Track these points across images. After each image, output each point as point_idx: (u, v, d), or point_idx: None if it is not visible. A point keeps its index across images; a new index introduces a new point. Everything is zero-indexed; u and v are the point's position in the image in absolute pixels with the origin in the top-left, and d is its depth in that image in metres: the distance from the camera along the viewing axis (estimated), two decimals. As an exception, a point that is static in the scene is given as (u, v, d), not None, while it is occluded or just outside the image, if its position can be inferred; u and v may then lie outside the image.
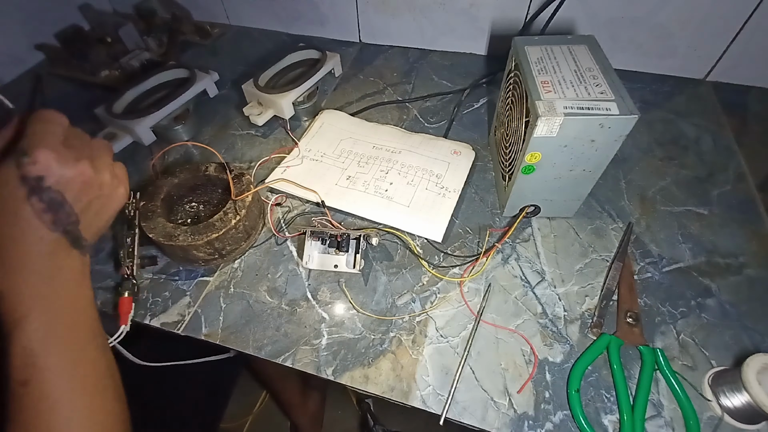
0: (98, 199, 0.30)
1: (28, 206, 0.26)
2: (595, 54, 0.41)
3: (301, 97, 0.60)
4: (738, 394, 0.34)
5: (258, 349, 0.39)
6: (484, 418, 0.35)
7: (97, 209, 0.31)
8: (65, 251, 0.29)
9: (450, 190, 0.50)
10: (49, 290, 0.28)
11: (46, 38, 0.74)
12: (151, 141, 0.59)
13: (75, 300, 0.30)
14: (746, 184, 0.51)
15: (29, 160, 0.26)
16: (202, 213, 0.48)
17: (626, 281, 0.42)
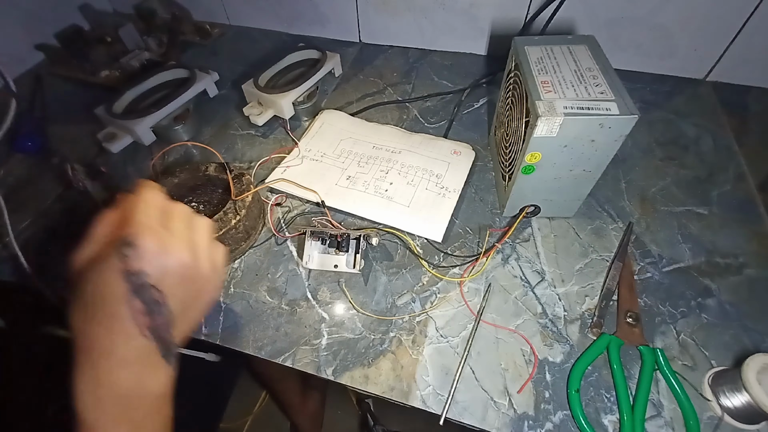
0: (192, 292, 0.27)
1: (127, 307, 0.24)
2: (595, 54, 0.41)
3: (301, 97, 0.60)
4: (738, 394, 0.34)
5: (258, 349, 0.39)
6: (484, 418, 0.35)
7: (189, 303, 0.27)
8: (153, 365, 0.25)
9: (450, 190, 0.50)
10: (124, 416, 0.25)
11: (46, 38, 0.74)
12: (151, 141, 0.59)
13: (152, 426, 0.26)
14: (746, 184, 0.51)
15: (133, 253, 0.24)
16: (202, 213, 0.48)
17: (626, 281, 0.42)
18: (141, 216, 0.26)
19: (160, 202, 0.28)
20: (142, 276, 0.24)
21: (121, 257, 0.24)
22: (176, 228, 0.27)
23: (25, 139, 0.58)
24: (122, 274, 0.24)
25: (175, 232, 0.27)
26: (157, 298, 0.25)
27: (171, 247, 0.26)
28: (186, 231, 0.28)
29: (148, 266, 0.24)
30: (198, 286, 0.27)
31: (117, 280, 0.24)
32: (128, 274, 0.24)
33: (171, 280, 0.25)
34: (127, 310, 0.24)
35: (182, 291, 0.26)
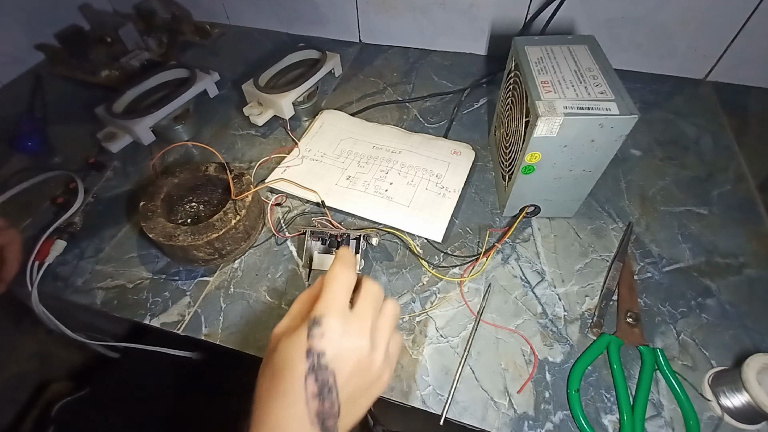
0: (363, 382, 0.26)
1: (303, 387, 0.24)
2: (595, 54, 0.41)
3: (301, 97, 0.60)
4: (738, 394, 0.34)
5: (258, 349, 0.39)
6: (484, 418, 0.35)
7: (358, 395, 0.26)
8: None
9: (450, 190, 0.50)
10: None
11: (46, 38, 0.74)
12: (150, 141, 0.59)
13: None
14: (746, 184, 0.51)
15: (319, 331, 0.25)
16: (202, 213, 0.48)
17: (626, 281, 0.42)
18: (331, 295, 0.26)
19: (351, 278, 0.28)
20: (322, 357, 0.24)
21: (309, 335, 0.25)
22: (364, 311, 0.27)
23: (25, 139, 0.58)
24: (306, 351, 0.24)
25: (362, 316, 0.27)
26: (330, 383, 0.25)
27: (353, 331, 0.26)
28: (371, 315, 0.27)
29: (328, 347, 0.25)
30: (370, 377, 0.27)
31: (300, 357, 0.24)
32: (310, 353, 0.24)
33: (346, 365, 0.25)
34: (302, 390, 0.24)
35: (354, 379, 0.26)
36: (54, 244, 0.46)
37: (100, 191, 0.53)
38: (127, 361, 0.57)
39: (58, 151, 0.59)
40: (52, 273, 0.45)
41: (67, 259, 0.47)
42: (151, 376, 0.54)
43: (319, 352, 0.24)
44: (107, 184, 0.54)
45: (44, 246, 0.45)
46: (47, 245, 0.46)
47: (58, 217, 0.48)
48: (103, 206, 0.52)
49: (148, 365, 0.55)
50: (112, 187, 0.54)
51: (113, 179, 0.55)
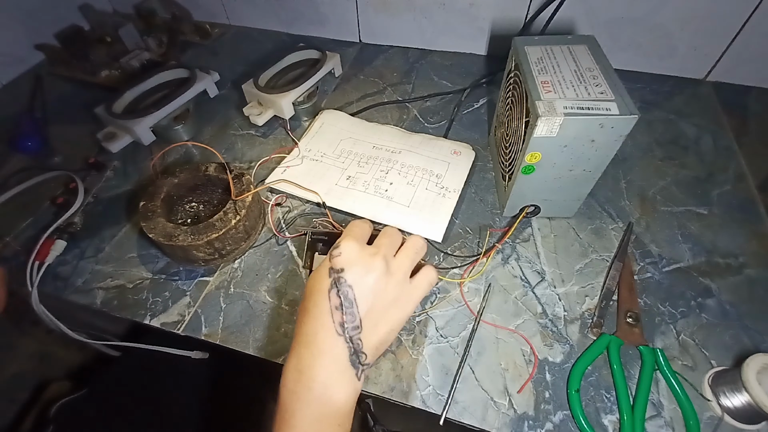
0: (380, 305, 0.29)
1: (327, 300, 0.28)
2: (595, 54, 0.41)
3: (301, 97, 0.60)
4: (738, 394, 0.34)
5: (258, 349, 0.39)
6: (484, 418, 0.35)
7: (376, 314, 0.29)
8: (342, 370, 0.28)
9: (450, 190, 0.50)
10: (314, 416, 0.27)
11: (46, 38, 0.74)
12: (150, 141, 0.59)
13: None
14: (746, 184, 0.51)
15: (337, 252, 0.29)
16: (202, 213, 0.48)
17: (626, 281, 0.42)
18: (349, 231, 0.32)
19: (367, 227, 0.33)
20: (341, 273, 0.29)
21: (330, 258, 0.29)
22: (379, 242, 0.32)
23: (25, 139, 0.58)
24: (328, 270, 0.29)
25: (378, 245, 0.31)
26: (350, 297, 0.28)
27: (368, 252, 0.30)
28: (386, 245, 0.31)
29: (345, 264, 0.29)
30: (386, 296, 0.30)
31: (324, 276, 0.29)
32: (332, 271, 0.29)
33: (363, 281, 0.29)
34: (326, 303, 0.28)
35: (372, 296, 0.29)
36: (54, 244, 0.46)
37: (100, 191, 0.53)
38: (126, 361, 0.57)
39: (58, 151, 0.59)
40: (52, 273, 0.46)
41: (67, 259, 0.47)
42: (151, 376, 0.54)
43: (339, 269, 0.29)
44: (107, 184, 0.54)
45: (44, 246, 0.45)
46: (47, 245, 0.46)
47: (58, 217, 0.48)
48: (103, 206, 0.52)
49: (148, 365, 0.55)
50: (112, 187, 0.54)
51: (113, 179, 0.55)
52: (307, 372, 0.28)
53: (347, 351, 0.28)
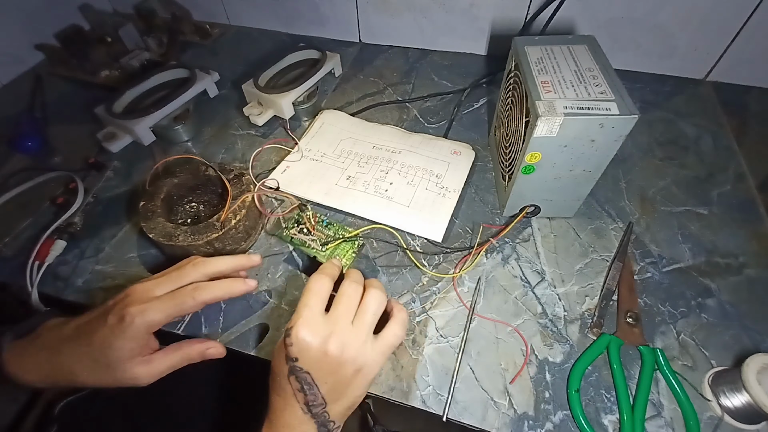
0: (341, 380, 0.30)
1: (289, 385, 0.30)
2: (595, 54, 0.41)
3: (301, 97, 0.60)
4: (738, 394, 0.34)
5: (258, 350, 0.39)
6: (484, 418, 0.35)
7: (341, 389, 0.31)
8: None
9: (450, 190, 0.50)
10: None
11: (46, 38, 0.74)
12: (150, 141, 0.59)
13: None
14: (746, 184, 0.51)
15: (290, 341, 0.30)
16: (202, 213, 0.48)
17: (626, 281, 0.42)
18: (302, 306, 0.31)
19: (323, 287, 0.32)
20: (296, 362, 0.30)
21: (284, 342, 0.30)
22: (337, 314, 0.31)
23: (25, 139, 0.58)
24: (285, 357, 0.30)
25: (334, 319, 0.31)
26: (309, 380, 0.30)
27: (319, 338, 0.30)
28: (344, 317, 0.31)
29: (299, 355, 0.29)
30: (346, 372, 0.30)
31: (282, 362, 0.30)
32: (288, 358, 0.30)
33: (317, 366, 0.30)
34: (288, 387, 0.30)
35: (331, 377, 0.30)
36: (54, 244, 0.46)
37: (100, 191, 0.53)
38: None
39: (58, 151, 0.59)
40: (52, 273, 0.45)
41: (67, 259, 0.47)
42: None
43: (292, 358, 0.30)
44: (107, 184, 0.54)
45: (44, 246, 0.46)
46: (47, 245, 0.46)
47: (58, 217, 0.48)
48: (103, 206, 0.52)
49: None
50: (112, 187, 0.54)
51: (113, 179, 0.55)
52: None
53: (315, 426, 0.30)
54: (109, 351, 0.31)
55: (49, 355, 0.33)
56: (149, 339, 0.33)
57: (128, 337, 0.31)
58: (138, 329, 0.31)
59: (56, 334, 0.33)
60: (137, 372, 0.32)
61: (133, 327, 0.31)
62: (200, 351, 0.35)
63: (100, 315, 0.32)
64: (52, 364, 0.32)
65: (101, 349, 0.31)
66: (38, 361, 0.33)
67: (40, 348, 0.33)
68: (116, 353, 0.31)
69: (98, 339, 0.31)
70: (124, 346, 0.31)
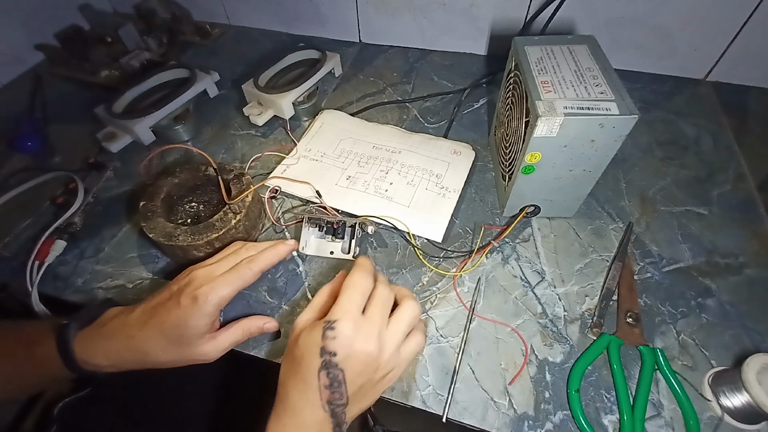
0: (370, 380, 0.30)
1: (316, 378, 0.28)
2: (595, 54, 0.41)
3: (301, 97, 0.60)
4: (738, 394, 0.34)
5: (258, 350, 0.39)
6: (484, 418, 0.35)
7: (366, 390, 0.30)
8: None
9: (450, 190, 0.50)
10: None
11: (46, 38, 0.74)
12: (150, 141, 0.59)
13: None
14: (746, 184, 0.51)
15: (333, 334, 0.28)
16: (202, 213, 0.48)
17: (626, 281, 0.42)
18: (347, 301, 0.30)
19: (367, 286, 0.31)
20: (334, 356, 0.28)
21: (323, 335, 0.28)
22: (374, 316, 0.30)
23: (25, 139, 0.58)
24: (320, 349, 0.28)
25: (372, 321, 0.30)
26: (340, 378, 0.28)
27: (362, 336, 0.29)
28: (380, 319, 0.30)
29: (339, 349, 0.28)
30: (376, 375, 0.30)
31: (315, 353, 0.28)
32: (324, 351, 0.28)
33: (354, 366, 0.29)
34: (315, 381, 0.28)
35: (361, 378, 0.29)
36: (54, 244, 0.46)
37: (100, 191, 0.53)
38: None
39: (58, 151, 0.59)
40: (52, 273, 0.45)
41: (67, 259, 0.47)
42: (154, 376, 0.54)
43: (331, 352, 0.28)
44: (107, 184, 0.54)
45: (44, 246, 0.45)
46: (47, 245, 0.46)
47: (58, 217, 0.48)
48: (103, 206, 0.52)
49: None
50: (112, 187, 0.54)
51: (113, 179, 0.55)
52: None
53: (331, 425, 0.29)
54: (185, 329, 0.33)
55: (121, 340, 0.34)
56: (217, 318, 0.36)
57: (203, 315, 0.33)
58: (211, 306, 0.33)
59: (123, 320, 0.35)
60: (206, 348, 0.34)
61: (207, 304, 0.33)
62: (259, 326, 0.38)
63: (169, 298, 0.34)
64: (124, 347, 0.34)
65: (176, 328, 0.33)
66: (108, 346, 0.34)
67: (110, 334, 0.35)
68: (191, 331, 0.33)
69: (173, 319, 0.33)
70: (199, 323, 0.33)
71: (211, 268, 0.36)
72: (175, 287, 0.35)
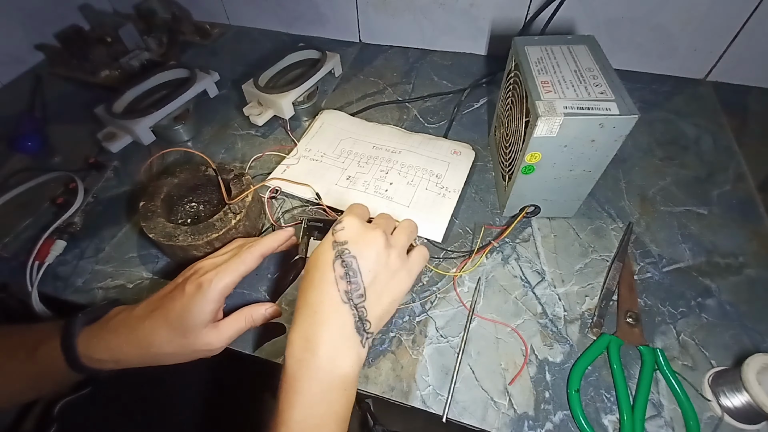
0: (383, 276, 0.31)
1: (332, 271, 0.30)
2: (595, 54, 0.41)
3: (301, 97, 0.60)
4: (738, 394, 0.34)
5: (259, 350, 0.39)
6: (484, 418, 0.35)
7: (379, 286, 0.31)
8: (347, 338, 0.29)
9: (450, 190, 0.50)
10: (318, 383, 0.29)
11: (46, 38, 0.74)
12: (150, 141, 0.59)
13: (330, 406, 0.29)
14: (746, 184, 0.51)
15: (340, 226, 0.32)
16: (202, 213, 0.48)
17: (626, 281, 0.42)
18: (353, 209, 0.35)
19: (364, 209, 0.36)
20: (345, 245, 0.30)
21: (333, 232, 0.32)
22: (377, 221, 0.35)
23: (25, 139, 0.58)
24: (332, 243, 0.31)
25: (376, 222, 0.34)
26: (354, 266, 0.30)
27: (369, 226, 0.32)
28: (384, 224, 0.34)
29: (349, 236, 0.31)
30: (388, 269, 0.32)
31: (328, 249, 0.31)
32: (336, 243, 0.31)
33: (366, 251, 0.31)
34: (331, 273, 0.30)
35: (375, 265, 0.31)
36: (54, 244, 0.46)
37: (100, 191, 0.53)
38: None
39: (58, 151, 0.59)
40: (52, 273, 0.45)
41: (67, 259, 0.47)
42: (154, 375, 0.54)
43: (342, 242, 0.31)
44: (107, 184, 0.54)
45: (44, 246, 0.45)
46: (47, 245, 0.46)
47: (58, 217, 0.48)
48: (103, 206, 0.52)
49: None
50: (112, 187, 0.54)
51: (113, 179, 0.55)
52: (314, 340, 0.29)
53: (352, 319, 0.29)
54: (189, 316, 0.33)
55: (125, 333, 0.34)
56: (221, 306, 0.36)
57: (208, 301, 0.34)
58: (215, 292, 0.34)
59: (127, 315, 0.35)
60: (210, 338, 0.34)
61: (211, 290, 0.34)
62: (261, 313, 0.38)
63: (174, 289, 0.35)
64: (128, 341, 0.34)
65: (181, 315, 0.33)
66: (112, 341, 0.35)
67: (114, 329, 0.35)
68: (196, 318, 0.33)
69: (177, 308, 0.33)
70: (204, 309, 0.34)
71: (215, 259, 0.37)
72: (181, 279, 0.36)
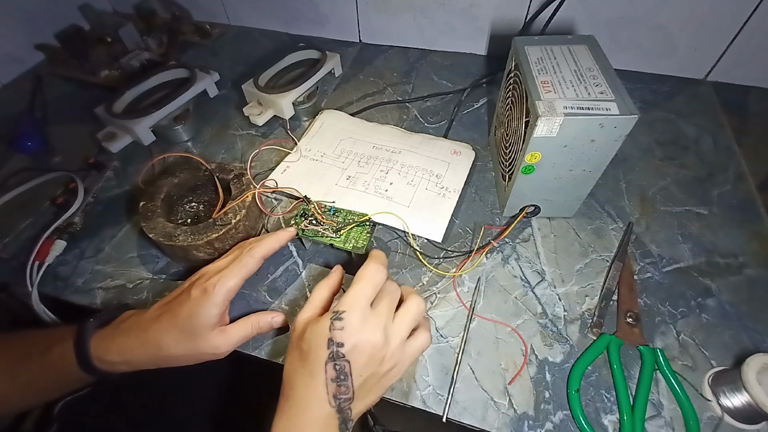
0: (375, 375, 0.30)
1: (323, 372, 0.28)
2: (595, 54, 0.41)
3: (301, 97, 0.60)
4: (738, 394, 0.34)
5: (258, 350, 0.39)
6: (484, 418, 0.35)
7: (370, 385, 0.30)
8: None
9: (450, 190, 0.50)
10: None
11: (46, 38, 0.74)
12: (150, 141, 0.59)
13: None
14: (746, 184, 0.51)
15: (340, 324, 0.29)
16: (202, 213, 0.48)
17: (626, 281, 0.42)
18: (358, 292, 0.30)
19: (380, 278, 0.32)
20: (341, 347, 0.28)
21: (331, 326, 0.29)
22: (382, 308, 0.31)
23: (25, 139, 0.58)
24: (327, 340, 0.28)
25: (380, 313, 0.30)
26: (346, 370, 0.28)
27: (370, 327, 0.29)
28: (388, 312, 0.31)
29: (346, 339, 0.28)
30: (382, 368, 0.30)
31: (323, 344, 0.28)
32: (331, 342, 0.28)
33: (360, 357, 0.29)
34: (322, 373, 0.28)
35: (366, 370, 0.29)
36: (54, 244, 0.46)
37: (100, 191, 0.53)
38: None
39: (58, 151, 0.59)
40: (52, 273, 0.45)
41: (67, 259, 0.47)
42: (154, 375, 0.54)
43: (338, 343, 0.28)
44: (107, 184, 0.54)
45: (44, 246, 0.45)
46: (47, 245, 0.46)
47: (58, 217, 0.48)
48: (103, 206, 0.52)
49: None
50: (112, 187, 0.54)
51: (113, 179, 0.55)
52: None
53: (337, 421, 0.28)
54: (196, 319, 0.34)
55: (135, 335, 0.35)
56: (226, 310, 0.36)
57: (213, 305, 0.34)
58: (220, 296, 0.34)
59: (138, 318, 0.36)
60: (217, 341, 0.35)
61: (216, 295, 0.34)
62: (267, 321, 0.38)
63: (181, 294, 0.36)
64: (138, 342, 0.35)
65: (188, 318, 0.34)
66: (123, 342, 0.35)
67: (125, 331, 0.36)
68: (203, 321, 0.34)
69: (185, 311, 0.34)
70: (210, 312, 0.34)
71: (219, 264, 0.37)
72: (187, 284, 0.37)
